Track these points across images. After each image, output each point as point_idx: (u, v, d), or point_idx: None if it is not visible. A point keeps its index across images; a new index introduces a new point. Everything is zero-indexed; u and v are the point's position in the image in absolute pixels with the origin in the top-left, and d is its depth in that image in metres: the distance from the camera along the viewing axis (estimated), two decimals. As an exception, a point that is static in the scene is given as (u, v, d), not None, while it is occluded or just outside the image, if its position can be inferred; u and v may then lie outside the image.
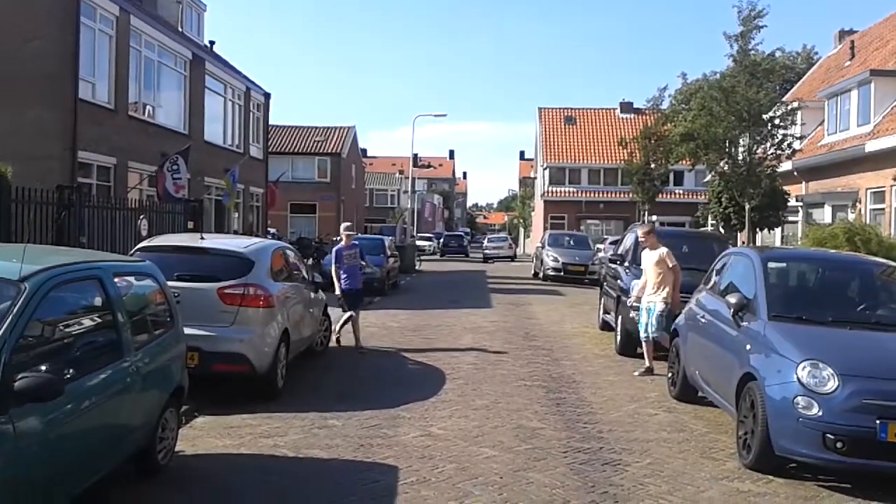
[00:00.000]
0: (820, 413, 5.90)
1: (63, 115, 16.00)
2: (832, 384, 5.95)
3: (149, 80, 20.51)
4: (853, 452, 5.80)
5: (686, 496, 5.82)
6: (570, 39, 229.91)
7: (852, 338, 6.71)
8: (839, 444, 5.81)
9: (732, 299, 7.40)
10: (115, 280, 5.29)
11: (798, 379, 6.06)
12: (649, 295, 10.47)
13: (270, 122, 33.40)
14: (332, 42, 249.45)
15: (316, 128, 49.06)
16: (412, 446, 6.89)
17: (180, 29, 23.99)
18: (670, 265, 10.33)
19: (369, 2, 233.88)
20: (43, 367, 4.09)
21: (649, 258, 10.57)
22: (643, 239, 10.81)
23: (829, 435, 5.84)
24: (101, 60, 17.82)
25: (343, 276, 11.84)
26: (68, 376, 4.41)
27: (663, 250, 10.47)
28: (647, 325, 10.47)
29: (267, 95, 30.56)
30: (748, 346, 6.86)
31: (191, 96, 22.96)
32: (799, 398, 6.00)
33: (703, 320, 8.42)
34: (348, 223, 13.21)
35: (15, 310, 4.07)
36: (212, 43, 27.01)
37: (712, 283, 8.90)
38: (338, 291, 11.87)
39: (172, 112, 22.21)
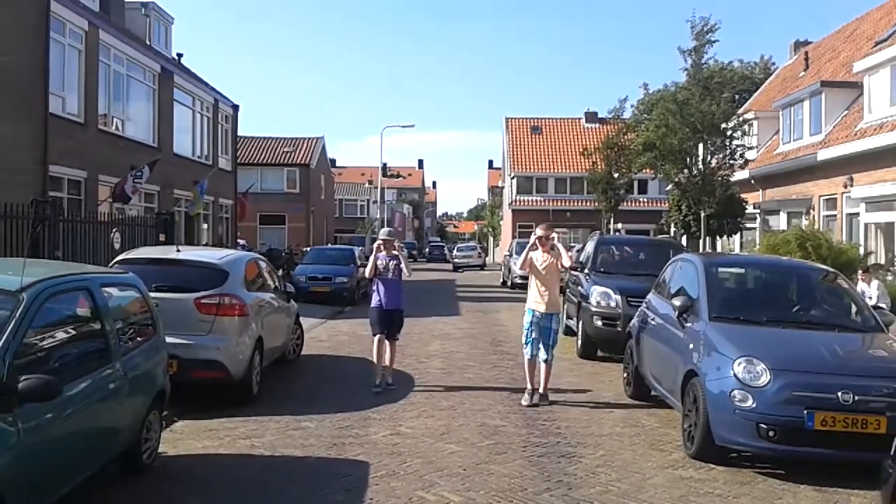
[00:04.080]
0: (754, 405, 6.46)
1: (34, 129, 16.13)
2: (765, 378, 6.52)
3: (118, 93, 20.76)
4: (784, 440, 6.37)
5: (633, 483, 6.34)
6: (537, 48, 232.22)
7: (785, 336, 7.31)
8: (771, 433, 6.37)
9: (677, 302, 7.98)
10: (103, 290, 5.70)
11: (734, 374, 6.62)
12: (537, 303, 9.22)
13: (239, 134, 33.67)
14: (299, 53, 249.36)
15: (284, 139, 49.29)
16: (382, 444, 7.34)
17: (148, 42, 24.23)
18: (562, 268, 9.48)
19: (336, 13, 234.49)
20: (42, 371, 4.47)
21: (543, 262, 9.30)
22: (545, 238, 9.30)
23: (762, 425, 6.39)
24: (71, 74, 18.05)
25: (373, 290, 10.11)
26: (63, 380, 4.79)
27: (563, 256, 9.40)
28: (546, 344, 9.21)
29: (235, 107, 30.84)
30: (691, 346, 7.42)
31: (159, 109, 23.21)
32: (735, 391, 6.56)
33: (653, 322, 8.99)
34: (389, 228, 10.75)
35: (16, 318, 4.47)
36: (179, 55, 27.25)
37: (662, 287, 9.47)
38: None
39: (141, 125, 22.44)
